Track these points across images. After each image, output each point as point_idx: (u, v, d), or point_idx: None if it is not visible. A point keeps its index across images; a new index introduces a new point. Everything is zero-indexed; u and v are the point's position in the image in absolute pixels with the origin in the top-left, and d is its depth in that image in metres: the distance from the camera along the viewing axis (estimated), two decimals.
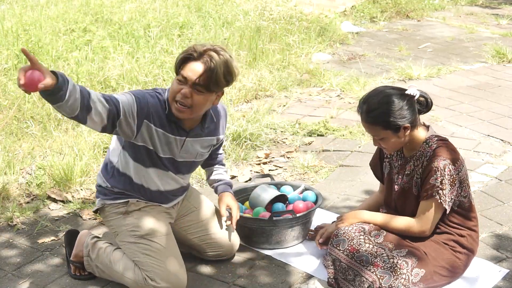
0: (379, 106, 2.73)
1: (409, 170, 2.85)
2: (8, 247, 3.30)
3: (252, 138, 4.57)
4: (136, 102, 2.64)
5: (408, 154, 2.88)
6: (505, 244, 3.23)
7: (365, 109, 2.76)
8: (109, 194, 2.89)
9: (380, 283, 2.69)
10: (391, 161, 2.98)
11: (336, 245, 2.79)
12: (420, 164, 2.80)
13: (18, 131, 4.61)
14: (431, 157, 2.75)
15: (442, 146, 2.77)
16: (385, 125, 2.73)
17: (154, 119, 2.70)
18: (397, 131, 2.74)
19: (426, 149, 2.79)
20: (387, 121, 2.72)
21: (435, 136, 2.82)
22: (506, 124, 4.97)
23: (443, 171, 2.70)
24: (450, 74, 6.39)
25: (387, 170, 3.02)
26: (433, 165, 2.72)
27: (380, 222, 2.86)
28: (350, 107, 5.35)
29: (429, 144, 2.80)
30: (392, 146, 2.81)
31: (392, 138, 2.76)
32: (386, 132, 2.75)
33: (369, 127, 2.79)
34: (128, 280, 2.83)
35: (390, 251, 2.75)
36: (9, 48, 5.81)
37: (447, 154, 2.74)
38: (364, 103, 2.78)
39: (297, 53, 6.70)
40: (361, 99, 2.84)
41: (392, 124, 2.72)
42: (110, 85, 5.28)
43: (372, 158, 3.15)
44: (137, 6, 7.48)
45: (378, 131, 2.76)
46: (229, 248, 3.10)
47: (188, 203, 3.10)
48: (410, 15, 9.25)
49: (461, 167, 2.78)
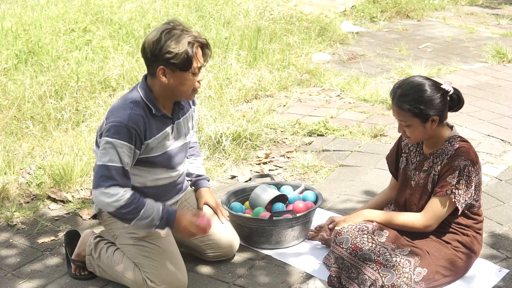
0: (413, 92, 2.74)
1: (427, 167, 2.85)
2: (8, 247, 3.30)
3: (252, 138, 4.57)
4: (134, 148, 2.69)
5: (427, 151, 2.88)
6: (505, 244, 3.23)
7: (399, 93, 2.76)
8: None
9: (382, 281, 2.69)
10: (408, 157, 2.98)
11: (339, 243, 2.78)
12: (440, 161, 2.80)
13: (18, 131, 4.61)
14: (452, 156, 2.75)
15: (465, 146, 2.78)
16: (415, 112, 2.73)
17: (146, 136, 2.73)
18: (425, 121, 2.74)
19: (448, 147, 2.80)
20: (418, 108, 2.72)
21: (458, 137, 2.83)
22: (506, 124, 4.97)
23: (462, 171, 2.70)
24: (450, 74, 6.38)
25: (403, 165, 3.01)
26: (453, 164, 2.72)
27: (383, 219, 2.86)
28: (350, 107, 5.35)
29: (451, 143, 2.80)
30: (416, 136, 2.81)
31: (418, 127, 2.76)
32: (414, 120, 2.74)
33: (398, 112, 2.78)
34: (128, 280, 2.83)
35: (393, 250, 2.75)
36: (9, 48, 5.81)
37: (469, 155, 2.74)
38: (399, 87, 2.79)
39: (297, 53, 6.70)
40: (395, 84, 2.84)
41: (422, 113, 2.72)
42: (110, 85, 5.28)
43: (389, 151, 3.14)
44: (137, 6, 7.48)
45: (406, 117, 2.76)
46: (229, 249, 3.09)
47: (187, 204, 3.10)
48: (410, 15, 9.24)
49: (478, 170, 2.78)
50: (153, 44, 2.64)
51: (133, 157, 2.71)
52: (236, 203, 3.36)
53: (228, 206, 3.31)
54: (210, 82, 5.34)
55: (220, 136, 4.47)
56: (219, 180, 4.13)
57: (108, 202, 2.65)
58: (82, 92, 5.10)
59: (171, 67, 2.66)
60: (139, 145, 2.71)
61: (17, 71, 5.49)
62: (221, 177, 4.16)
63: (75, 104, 4.97)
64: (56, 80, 5.21)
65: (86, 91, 5.13)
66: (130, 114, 2.67)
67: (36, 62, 5.64)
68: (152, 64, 2.70)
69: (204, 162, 4.26)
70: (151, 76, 2.75)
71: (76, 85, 5.15)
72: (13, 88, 5.10)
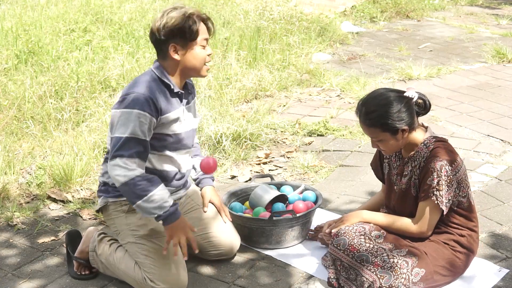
0: (378, 108, 2.74)
1: (407, 171, 2.86)
2: (8, 247, 3.30)
3: (252, 138, 4.57)
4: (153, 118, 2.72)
5: (406, 155, 2.89)
6: (504, 244, 3.24)
7: (364, 111, 2.77)
8: (112, 191, 2.88)
9: (380, 283, 2.69)
10: (390, 162, 2.99)
11: (337, 245, 2.79)
12: (418, 165, 2.81)
13: (18, 131, 4.61)
14: (428, 158, 2.76)
15: (440, 147, 2.77)
16: (383, 128, 2.74)
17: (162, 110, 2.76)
18: (395, 134, 2.75)
19: (423, 150, 2.80)
20: (385, 124, 2.72)
21: (433, 137, 2.83)
22: (506, 124, 4.97)
23: (439, 172, 2.70)
24: (450, 74, 6.39)
25: (386, 171, 3.02)
26: (429, 166, 2.73)
27: (381, 222, 2.87)
28: (350, 107, 5.36)
29: (426, 145, 2.80)
30: (390, 148, 2.82)
31: (390, 140, 2.77)
32: (384, 134, 2.76)
33: (367, 129, 2.79)
34: (129, 278, 2.84)
35: (390, 251, 2.75)
36: (9, 48, 5.82)
37: (444, 155, 2.74)
38: (363, 105, 2.79)
39: (297, 53, 6.71)
40: (359, 101, 2.84)
41: (390, 127, 2.73)
42: (110, 85, 5.28)
43: (372, 158, 3.16)
44: (137, 6, 7.48)
45: (376, 133, 2.77)
46: (230, 248, 3.10)
47: (190, 201, 3.11)
48: (410, 15, 9.25)
49: (458, 167, 2.78)
50: (159, 24, 2.75)
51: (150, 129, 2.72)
52: (236, 203, 3.37)
53: (228, 206, 3.31)
54: (210, 82, 5.35)
55: (220, 136, 4.48)
56: (219, 180, 4.13)
57: (123, 171, 2.66)
58: (82, 92, 5.10)
59: (180, 41, 2.76)
60: (156, 116, 2.74)
61: (17, 71, 5.49)
62: (221, 177, 4.16)
63: (75, 104, 4.97)
64: (56, 80, 5.21)
65: (86, 91, 5.13)
66: (149, 86, 2.74)
67: (36, 62, 5.65)
68: (162, 45, 2.79)
69: None
70: (162, 58, 2.82)
71: (76, 85, 5.15)
72: (13, 88, 5.10)
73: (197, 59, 2.81)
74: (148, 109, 2.69)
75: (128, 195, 2.71)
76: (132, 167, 2.67)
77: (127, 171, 2.66)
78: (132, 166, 2.67)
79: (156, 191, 2.68)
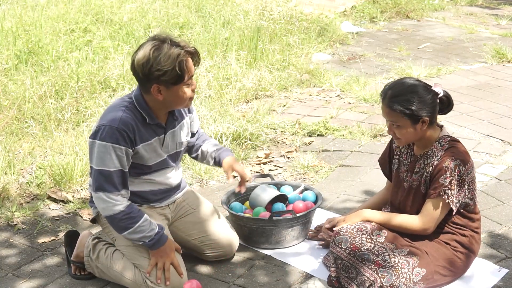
0: (405, 93, 2.74)
1: (419, 168, 2.85)
2: (8, 247, 3.30)
3: (252, 138, 4.57)
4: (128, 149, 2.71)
5: (418, 152, 2.89)
6: (504, 244, 3.24)
7: (390, 94, 2.77)
8: None
9: (381, 282, 2.70)
10: (400, 158, 2.99)
11: (338, 243, 2.79)
12: (431, 162, 2.80)
13: (18, 131, 4.61)
14: (442, 157, 2.76)
15: (455, 146, 2.78)
16: (406, 113, 2.73)
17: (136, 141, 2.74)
18: (415, 123, 2.75)
19: (438, 148, 2.80)
20: (410, 109, 2.72)
21: (448, 136, 2.83)
22: (506, 124, 4.97)
23: (453, 171, 2.70)
24: (450, 74, 6.39)
25: (395, 167, 3.01)
26: (444, 165, 2.72)
27: (382, 220, 2.86)
28: (350, 107, 5.36)
29: (441, 143, 2.80)
30: (406, 137, 2.81)
31: (408, 128, 2.76)
32: (405, 120, 2.75)
33: (389, 113, 2.78)
34: (128, 281, 2.83)
35: (391, 250, 2.76)
36: (9, 48, 5.82)
37: (459, 155, 2.74)
38: (390, 88, 2.80)
39: (297, 53, 6.71)
40: (386, 85, 2.85)
41: (414, 114, 2.72)
42: (110, 85, 5.28)
43: (382, 154, 3.15)
44: (137, 6, 7.48)
45: (397, 118, 2.76)
46: (229, 249, 3.10)
47: (185, 204, 3.10)
48: (410, 15, 9.25)
49: (470, 169, 2.78)
50: (143, 66, 2.64)
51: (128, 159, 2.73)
52: (236, 203, 3.37)
53: (228, 206, 3.31)
54: (210, 82, 5.35)
55: (220, 136, 4.48)
56: (219, 180, 4.13)
57: (106, 205, 2.70)
58: (83, 92, 5.10)
59: (164, 84, 2.66)
60: (132, 147, 2.73)
61: (18, 71, 5.49)
62: (221, 177, 4.16)
63: (75, 104, 4.97)
64: (57, 80, 5.22)
65: (87, 91, 5.14)
66: (122, 117, 2.69)
67: (36, 63, 5.65)
68: (145, 83, 2.70)
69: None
70: (144, 91, 2.74)
71: (77, 85, 5.15)
72: (14, 88, 5.11)
73: (182, 98, 2.73)
74: (123, 142, 2.68)
75: (113, 226, 2.77)
76: (115, 201, 2.70)
77: (111, 205, 2.70)
78: (116, 200, 2.70)
79: (140, 223, 2.72)
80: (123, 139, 2.68)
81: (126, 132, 2.68)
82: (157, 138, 2.82)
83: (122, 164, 2.70)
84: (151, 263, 2.77)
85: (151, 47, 2.63)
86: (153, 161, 2.84)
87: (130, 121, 2.70)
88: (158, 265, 2.76)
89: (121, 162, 2.70)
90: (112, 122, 2.68)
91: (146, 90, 2.72)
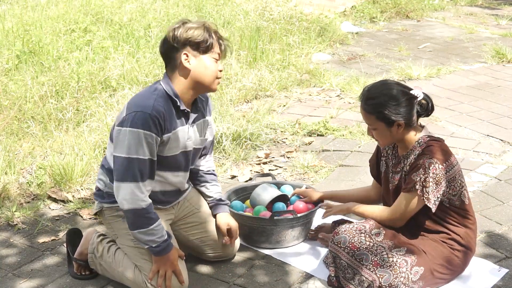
0: (379, 96, 2.78)
1: (400, 168, 2.89)
2: (8, 247, 3.31)
3: (252, 138, 4.57)
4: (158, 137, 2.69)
5: (401, 153, 2.92)
6: (504, 244, 3.24)
7: (366, 96, 2.82)
8: (107, 197, 2.88)
9: (380, 282, 2.70)
10: (387, 160, 3.01)
11: (337, 242, 2.79)
12: (409, 162, 2.83)
13: (18, 131, 4.62)
14: (418, 155, 2.78)
15: (432, 145, 2.79)
16: (379, 116, 2.77)
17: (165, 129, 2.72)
18: (390, 126, 2.78)
19: (416, 148, 2.83)
20: (382, 113, 2.76)
21: (427, 136, 2.85)
22: (506, 124, 4.98)
23: (427, 169, 2.72)
24: (449, 74, 6.39)
25: (383, 169, 3.04)
26: (418, 162, 2.76)
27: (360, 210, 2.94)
28: (350, 107, 5.36)
29: (420, 143, 2.83)
30: (383, 139, 2.86)
31: (384, 131, 2.80)
32: (380, 123, 2.79)
33: (365, 115, 2.84)
34: (128, 280, 2.84)
35: (390, 249, 2.76)
36: (9, 48, 5.82)
37: (435, 154, 2.76)
38: (368, 90, 2.84)
39: (297, 53, 6.71)
40: (365, 86, 2.89)
41: (386, 117, 2.76)
42: (110, 85, 5.29)
43: (372, 155, 3.18)
44: (137, 6, 7.49)
45: (372, 121, 2.81)
46: (230, 249, 3.10)
47: (189, 205, 3.10)
48: (410, 15, 9.26)
49: (450, 166, 2.79)
50: (175, 31, 2.71)
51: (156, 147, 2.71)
52: (237, 202, 3.37)
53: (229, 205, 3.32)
54: None
55: (220, 136, 4.48)
56: (219, 180, 4.13)
57: (132, 197, 2.66)
58: (83, 92, 5.11)
59: (194, 50, 2.71)
60: (161, 135, 2.71)
61: (18, 71, 5.50)
62: (221, 177, 4.17)
63: (75, 104, 4.98)
64: (57, 80, 5.22)
65: (87, 91, 5.14)
66: (154, 105, 2.68)
67: (37, 63, 5.65)
68: (175, 53, 2.73)
69: None
70: (171, 70, 2.76)
71: (77, 85, 5.16)
72: (14, 88, 5.11)
73: (209, 70, 2.74)
74: (154, 128, 2.66)
75: (128, 220, 2.74)
76: (139, 196, 2.67)
77: (133, 199, 2.67)
78: (140, 193, 2.67)
79: (154, 226, 2.71)
80: (154, 126, 2.65)
81: (158, 120, 2.66)
82: (183, 127, 2.80)
83: (151, 152, 2.68)
84: (153, 270, 2.76)
85: (182, 21, 2.75)
86: (174, 152, 2.80)
87: (161, 109, 2.69)
88: (160, 273, 2.75)
89: (150, 150, 2.67)
90: (145, 108, 2.65)
91: (174, 63, 2.74)
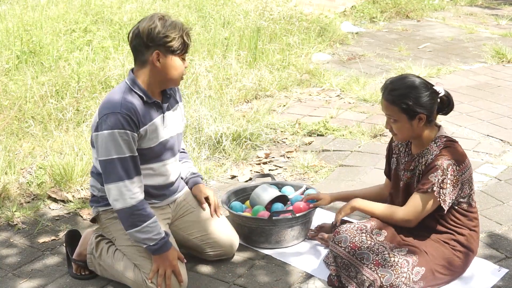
0: (403, 88, 2.77)
1: (413, 166, 2.87)
2: (8, 247, 3.31)
3: (252, 138, 4.57)
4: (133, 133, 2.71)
5: (415, 151, 2.90)
6: (504, 244, 3.24)
7: (389, 88, 2.80)
8: (102, 201, 2.90)
9: (381, 282, 2.70)
10: (398, 158, 3.00)
11: (338, 242, 2.79)
12: (425, 161, 2.82)
13: (19, 131, 4.62)
14: (436, 156, 2.77)
15: (450, 146, 2.79)
16: (403, 108, 2.75)
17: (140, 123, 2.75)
18: (412, 119, 2.77)
19: (433, 147, 2.81)
20: (406, 104, 2.74)
21: (444, 137, 2.84)
22: (506, 124, 4.98)
23: (446, 171, 2.71)
24: (449, 74, 6.39)
25: (394, 166, 3.03)
26: (436, 163, 2.74)
27: (368, 209, 2.91)
28: (350, 107, 5.36)
29: (437, 143, 2.81)
30: (402, 133, 2.83)
31: (405, 123, 2.78)
32: (402, 115, 2.77)
33: (387, 106, 2.81)
34: (128, 280, 2.84)
35: (391, 249, 2.76)
36: (10, 48, 5.82)
37: (453, 155, 2.75)
38: (391, 83, 2.83)
39: (297, 53, 6.71)
40: (387, 79, 2.88)
41: (410, 109, 2.74)
42: (110, 85, 5.29)
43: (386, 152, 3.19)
44: (137, 6, 7.48)
45: (394, 112, 2.79)
46: (229, 248, 3.10)
47: (186, 204, 3.11)
48: (410, 15, 9.26)
49: (465, 169, 2.79)
50: (150, 31, 2.69)
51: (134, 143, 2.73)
52: (237, 203, 3.38)
53: (228, 205, 3.32)
54: (210, 82, 5.35)
55: (220, 136, 4.48)
56: (219, 180, 4.13)
57: (121, 196, 2.68)
58: (83, 92, 5.11)
59: (166, 51, 2.72)
60: (137, 130, 2.73)
61: (18, 71, 5.50)
62: (221, 177, 4.17)
63: (76, 104, 4.98)
64: (57, 80, 5.22)
65: (87, 91, 5.14)
66: (122, 103, 2.70)
67: (37, 63, 5.65)
68: (146, 50, 2.73)
69: (204, 162, 4.27)
70: (140, 66, 2.78)
71: (77, 85, 5.16)
72: (14, 88, 5.11)
73: (177, 70, 2.77)
74: (128, 126, 2.68)
75: (122, 221, 2.76)
76: (127, 194, 2.69)
77: (123, 198, 2.69)
78: (130, 191, 2.69)
79: (148, 223, 2.72)
80: (127, 124, 2.68)
81: (130, 116, 2.68)
82: (158, 117, 2.83)
83: (131, 149, 2.70)
84: (153, 269, 2.77)
85: (156, 18, 2.72)
86: (154, 142, 2.82)
87: (130, 104, 2.71)
88: (160, 272, 2.76)
89: (129, 147, 2.69)
90: (115, 109, 2.68)
91: (144, 60, 2.75)
